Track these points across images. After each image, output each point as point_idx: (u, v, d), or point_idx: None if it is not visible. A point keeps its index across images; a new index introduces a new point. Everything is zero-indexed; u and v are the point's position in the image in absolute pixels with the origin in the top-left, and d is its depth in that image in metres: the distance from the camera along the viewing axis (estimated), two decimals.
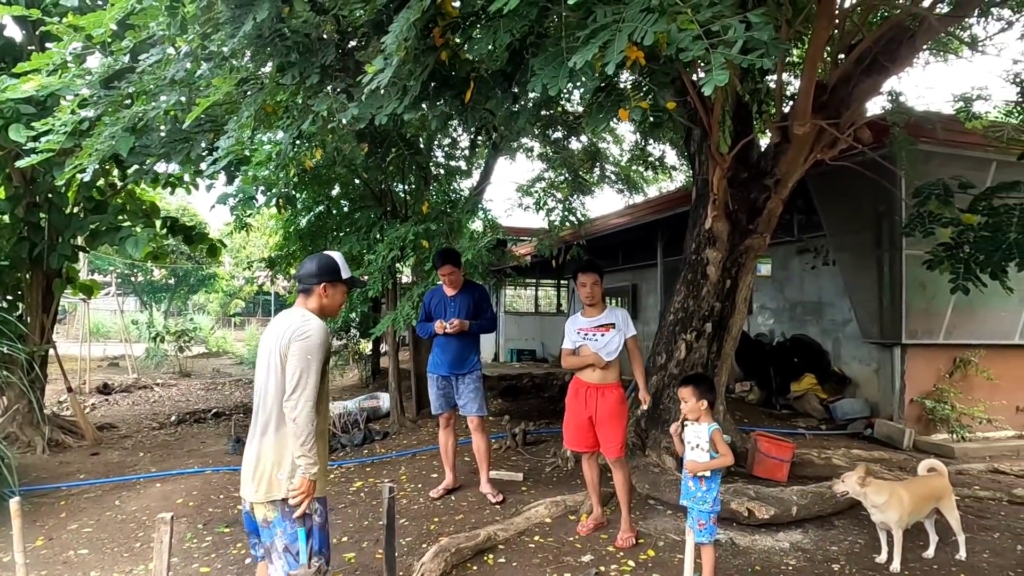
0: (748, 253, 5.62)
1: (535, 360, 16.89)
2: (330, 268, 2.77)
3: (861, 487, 3.78)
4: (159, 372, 14.71)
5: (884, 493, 3.80)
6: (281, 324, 2.70)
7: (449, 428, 5.13)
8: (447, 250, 5.23)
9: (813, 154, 5.45)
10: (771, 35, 1.77)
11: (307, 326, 2.63)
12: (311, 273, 2.75)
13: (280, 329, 2.67)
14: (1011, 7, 6.23)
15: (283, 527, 2.58)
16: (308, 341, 2.58)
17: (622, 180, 11.76)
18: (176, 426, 8.18)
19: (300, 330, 2.61)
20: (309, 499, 2.55)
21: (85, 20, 3.37)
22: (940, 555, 3.99)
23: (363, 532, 4.32)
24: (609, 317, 4.22)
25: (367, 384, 11.21)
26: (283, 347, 2.60)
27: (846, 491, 3.84)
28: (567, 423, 4.31)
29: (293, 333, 2.61)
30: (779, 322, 9.61)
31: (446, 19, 2.64)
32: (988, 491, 5.31)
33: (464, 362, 5.02)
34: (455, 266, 5.07)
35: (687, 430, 3.47)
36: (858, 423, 7.45)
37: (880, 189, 6.88)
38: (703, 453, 3.38)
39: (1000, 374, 7.26)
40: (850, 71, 5.22)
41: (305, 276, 2.76)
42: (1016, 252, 3.63)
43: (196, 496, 5.01)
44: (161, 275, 24.38)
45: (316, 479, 2.57)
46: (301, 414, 2.51)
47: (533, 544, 4.06)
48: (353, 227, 7.60)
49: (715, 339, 5.64)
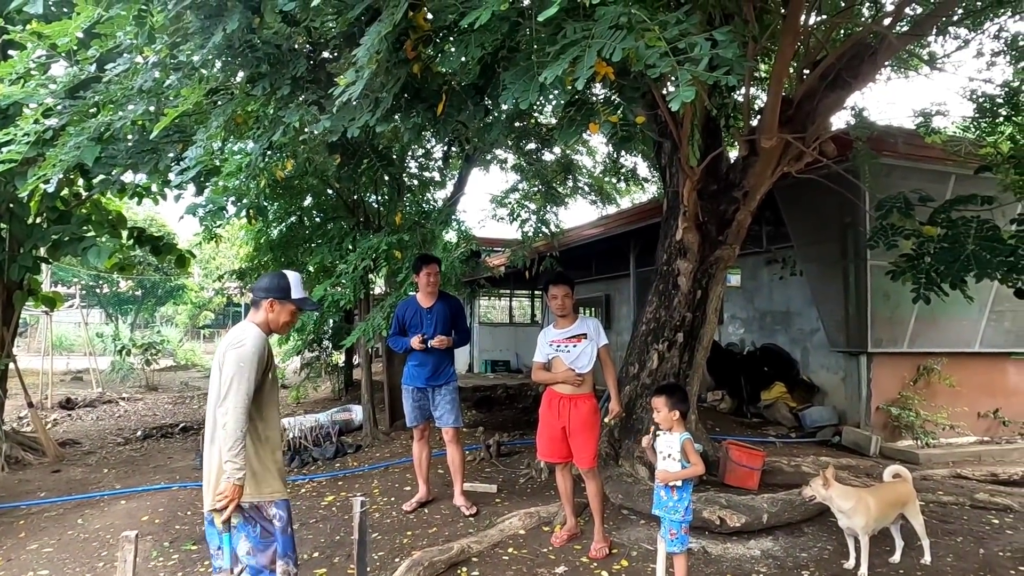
0: (718, 264, 5.71)
1: (509, 371, 16.87)
2: (280, 286, 2.86)
3: (824, 490, 3.84)
4: (125, 386, 14.37)
5: (851, 499, 3.87)
6: (226, 336, 2.81)
7: (423, 440, 5.09)
8: (427, 253, 5.29)
9: (780, 167, 5.56)
10: (736, 52, 1.81)
11: (243, 335, 2.73)
12: (261, 287, 2.86)
13: (224, 341, 2.78)
14: (966, 26, 6.47)
15: (245, 531, 2.70)
16: (242, 350, 2.67)
17: (595, 191, 11.88)
18: (142, 441, 7.99)
19: (236, 339, 2.72)
20: (234, 504, 2.60)
21: (50, 28, 3.30)
22: (906, 560, 4.07)
23: (335, 547, 4.26)
24: (581, 327, 4.22)
25: (340, 396, 11.08)
26: (220, 357, 2.71)
27: (813, 495, 3.90)
28: (541, 434, 4.31)
29: (229, 342, 2.71)
30: (749, 331, 9.76)
31: (418, 32, 2.66)
32: (951, 496, 5.42)
33: (441, 374, 4.98)
34: (438, 264, 5.13)
35: (659, 440, 3.50)
36: (827, 431, 7.58)
37: (845, 202, 7.05)
38: (675, 462, 3.41)
39: (961, 381, 7.45)
40: (814, 87, 5.36)
41: (256, 289, 2.88)
42: (974, 263, 3.75)
43: (162, 513, 4.90)
44: (128, 287, 23.88)
45: (242, 483, 2.61)
46: (230, 420, 2.57)
47: (507, 556, 4.04)
48: (325, 238, 7.55)
49: (687, 349, 5.71)
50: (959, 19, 6.03)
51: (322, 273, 7.67)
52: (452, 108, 2.84)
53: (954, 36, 6.67)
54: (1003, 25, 6.00)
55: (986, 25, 6.38)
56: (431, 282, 5.02)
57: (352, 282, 6.25)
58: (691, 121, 4.69)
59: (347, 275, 6.20)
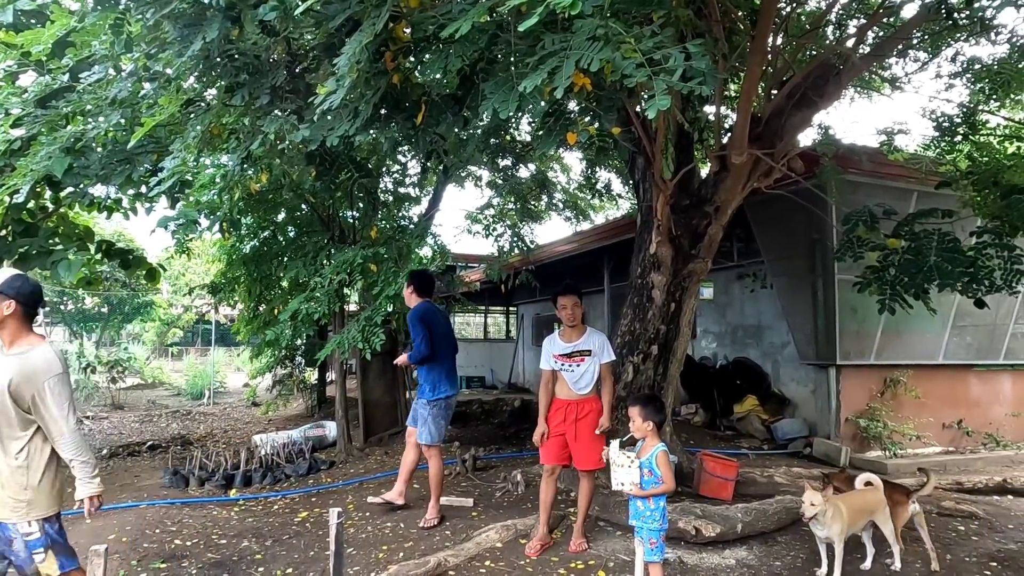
0: (691, 277, 5.80)
1: (484, 387, 16.81)
2: None
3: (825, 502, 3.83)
4: (89, 405, 13.98)
5: (829, 507, 3.93)
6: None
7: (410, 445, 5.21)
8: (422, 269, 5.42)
9: (750, 182, 5.69)
10: (708, 64, 1.88)
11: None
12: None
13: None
14: (924, 50, 6.72)
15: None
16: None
17: (570, 207, 12.02)
18: (108, 460, 7.78)
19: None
20: None
21: (23, 37, 3.27)
22: (876, 567, 4.14)
23: (308, 563, 4.19)
24: (587, 343, 4.30)
25: (312, 413, 10.94)
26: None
27: (815, 515, 3.85)
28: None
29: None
30: (722, 345, 9.89)
31: (397, 44, 2.69)
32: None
33: (419, 388, 5.17)
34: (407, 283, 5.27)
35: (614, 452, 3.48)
36: (798, 442, 7.70)
37: (813, 217, 7.23)
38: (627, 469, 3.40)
39: (926, 392, 7.64)
40: (782, 105, 5.52)
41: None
42: (936, 273, 3.88)
43: (130, 531, 4.77)
44: (93, 303, 23.31)
45: None
46: None
47: (484, 569, 4.02)
48: (300, 252, 7.50)
49: (661, 361, 5.77)
50: (918, 42, 6.27)
51: (296, 288, 7.62)
52: (431, 119, 2.87)
53: (913, 59, 6.93)
54: (959, 50, 6.24)
55: (943, 49, 6.64)
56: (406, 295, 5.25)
57: (327, 296, 6.21)
58: (664, 135, 4.79)
59: (322, 288, 6.16)
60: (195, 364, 19.85)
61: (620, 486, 3.46)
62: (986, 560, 4.25)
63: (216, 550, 4.45)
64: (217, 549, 4.47)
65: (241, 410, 13.20)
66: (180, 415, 12.37)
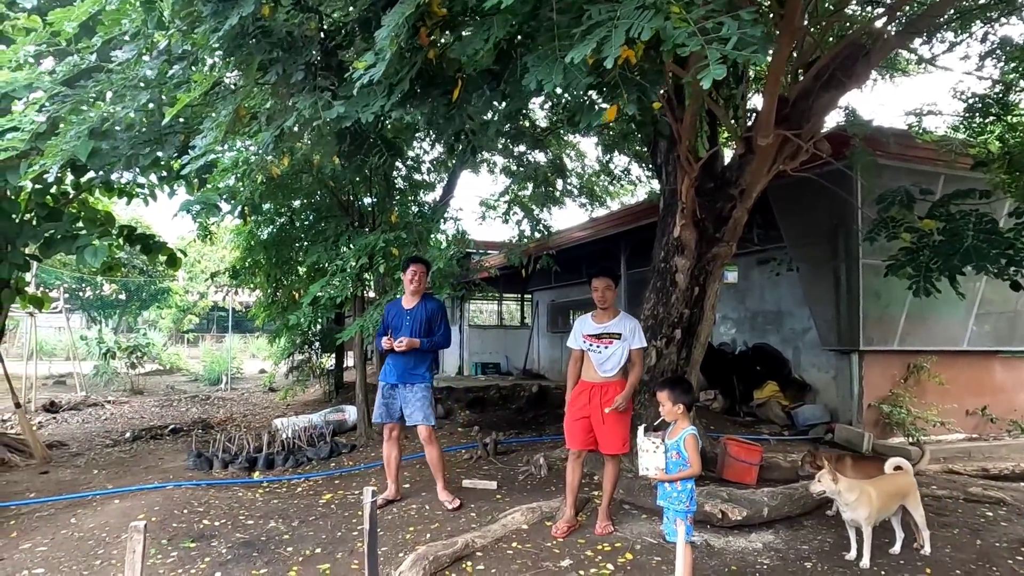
0: (715, 261, 5.75)
1: (499, 373, 16.85)
2: None
3: (834, 483, 3.88)
4: (109, 390, 14.13)
5: (855, 491, 3.91)
6: None
7: (392, 440, 5.09)
8: (417, 255, 5.28)
9: (776, 165, 5.62)
10: (762, 31, 1.84)
11: None
12: None
13: None
14: (954, 30, 6.60)
15: None
16: None
17: (586, 193, 11.96)
18: (131, 443, 7.86)
19: None
20: None
21: (53, 15, 3.26)
22: (906, 551, 4.11)
23: (336, 543, 4.21)
24: (618, 326, 4.30)
25: (330, 399, 11.00)
26: None
27: (823, 490, 3.91)
28: (567, 420, 4.39)
29: None
30: (741, 331, 9.83)
31: (433, 18, 2.66)
32: (945, 490, 5.49)
33: (413, 373, 4.98)
34: (425, 265, 5.15)
35: (640, 438, 3.46)
36: (819, 428, 7.65)
37: (837, 201, 7.13)
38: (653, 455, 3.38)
39: (950, 379, 7.56)
40: (810, 86, 5.43)
41: None
42: (973, 255, 3.81)
43: (158, 512, 4.81)
44: (112, 290, 23.52)
45: None
46: None
47: (511, 551, 4.02)
48: (320, 237, 7.50)
49: (684, 345, 5.74)
50: (947, 21, 6.15)
51: (315, 273, 7.62)
52: (467, 94, 2.85)
53: (941, 40, 6.80)
54: (991, 28, 6.11)
55: (974, 28, 6.51)
56: (414, 281, 5.03)
57: (349, 279, 6.22)
58: (695, 114, 4.73)
59: (342, 273, 6.16)
60: (211, 350, 20.02)
61: (646, 471, 3.45)
62: (1017, 546, 4.21)
63: (244, 530, 4.48)
64: (245, 529, 4.50)
65: (259, 395, 13.29)
66: (199, 400, 12.48)
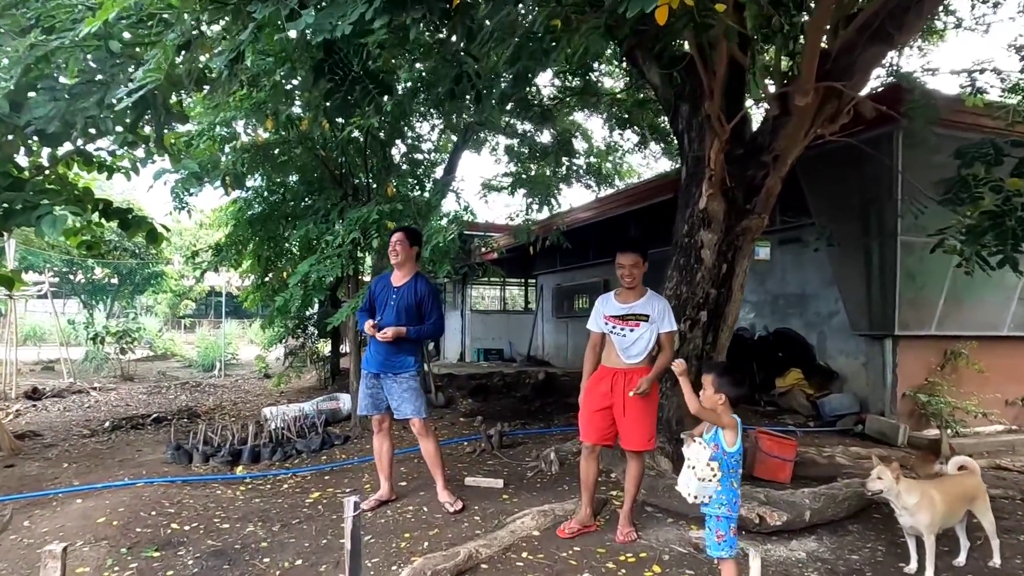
0: (745, 235, 5.19)
1: (503, 359, 16.36)
2: None
3: (897, 482, 3.35)
4: (98, 376, 13.63)
5: (915, 494, 3.38)
6: None
7: (382, 432, 4.54)
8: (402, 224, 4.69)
9: (813, 128, 5.06)
10: None
11: None
12: None
13: None
14: None
15: None
16: None
17: (594, 173, 11.42)
18: (110, 433, 7.33)
19: None
20: None
21: None
22: (972, 562, 3.61)
23: (320, 552, 3.69)
24: (645, 307, 3.77)
25: (326, 386, 10.49)
26: None
27: (880, 489, 3.38)
28: (583, 410, 3.88)
29: None
30: (760, 316, 9.25)
31: None
32: (998, 489, 4.97)
33: (397, 362, 4.37)
34: (405, 233, 4.50)
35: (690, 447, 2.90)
36: (847, 419, 7.11)
37: (873, 174, 6.55)
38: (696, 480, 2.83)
39: (990, 366, 7.00)
40: (854, 40, 4.85)
41: None
42: None
43: (122, 514, 4.28)
44: (103, 274, 22.95)
45: None
46: None
47: (521, 562, 3.50)
48: (310, 210, 6.93)
49: (710, 328, 5.19)
50: None
51: (306, 251, 7.08)
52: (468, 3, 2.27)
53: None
54: None
55: None
56: (395, 250, 4.41)
57: (340, 257, 5.65)
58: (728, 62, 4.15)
59: (334, 249, 5.60)
60: (207, 336, 19.49)
61: (684, 489, 2.89)
62: None
63: (217, 536, 3.95)
64: (219, 535, 3.97)
65: (252, 382, 12.78)
66: (190, 387, 11.97)
